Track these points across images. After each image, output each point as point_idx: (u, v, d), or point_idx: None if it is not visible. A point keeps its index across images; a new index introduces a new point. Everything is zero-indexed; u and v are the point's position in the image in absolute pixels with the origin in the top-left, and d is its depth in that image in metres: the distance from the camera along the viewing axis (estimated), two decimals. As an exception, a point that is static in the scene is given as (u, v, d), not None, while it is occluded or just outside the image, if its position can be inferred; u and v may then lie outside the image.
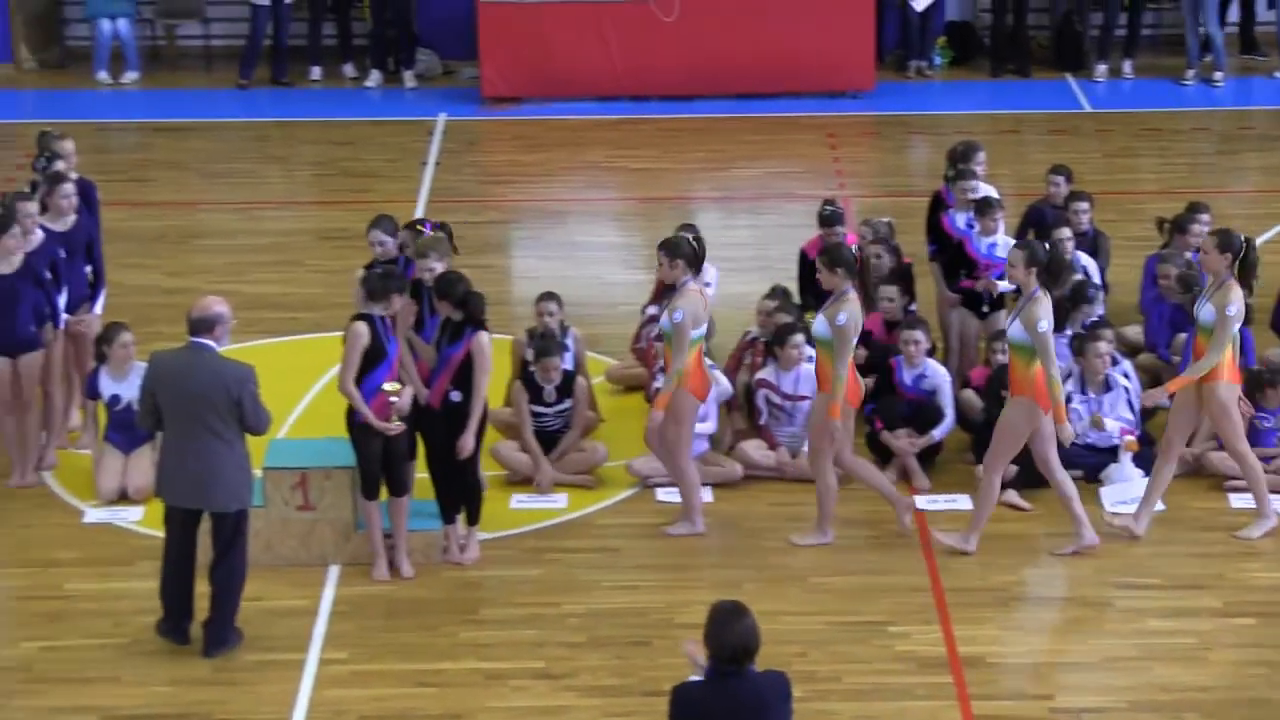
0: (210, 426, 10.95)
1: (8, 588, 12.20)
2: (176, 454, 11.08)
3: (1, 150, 20.67)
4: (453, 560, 12.29)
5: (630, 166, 20.33)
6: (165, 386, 11.04)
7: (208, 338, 11.05)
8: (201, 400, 10.93)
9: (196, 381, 10.96)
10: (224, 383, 10.96)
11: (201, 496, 11.09)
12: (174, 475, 11.12)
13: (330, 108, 22.34)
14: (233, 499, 11.12)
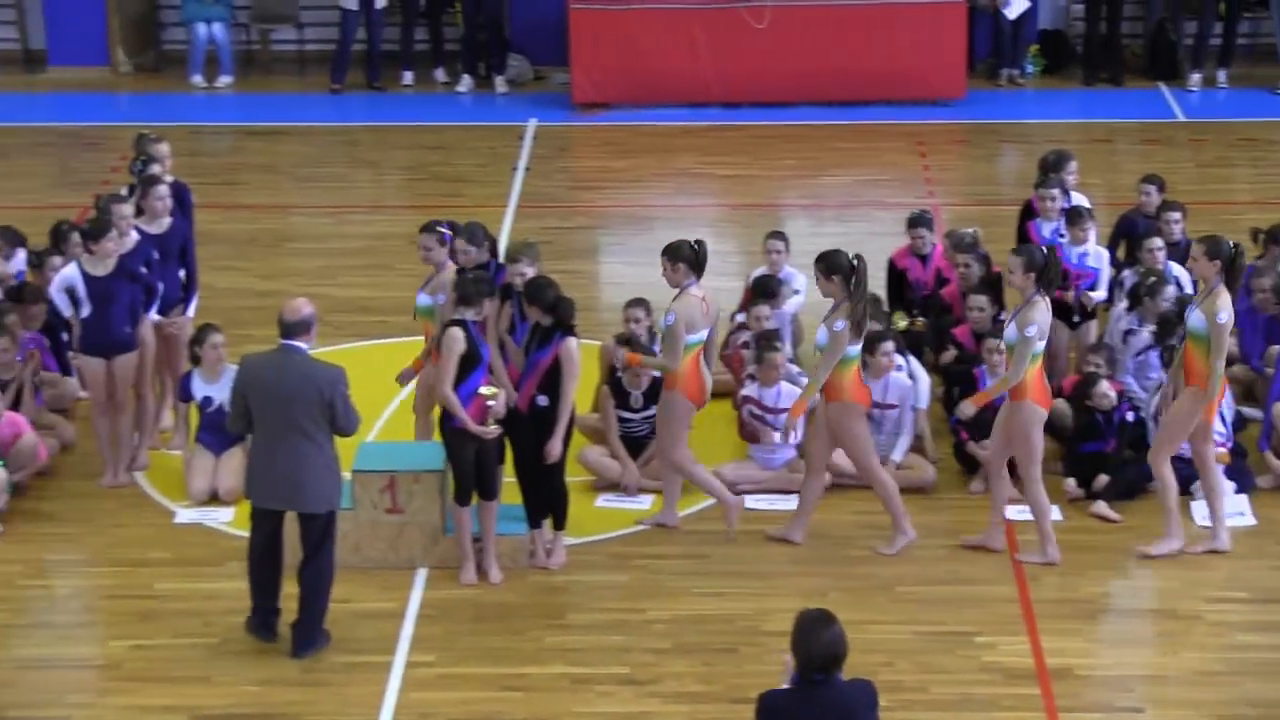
0: (301, 428, 11.01)
1: (99, 587, 12.31)
2: (267, 456, 11.15)
3: (97, 152, 20.87)
4: (539, 565, 12.33)
5: (719, 173, 20.33)
6: (256, 389, 11.11)
7: (299, 340, 11.13)
8: (293, 402, 10.99)
9: (288, 383, 11.03)
10: (316, 384, 11.02)
11: (291, 498, 11.16)
12: (264, 477, 11.19)
13: (421, 112, 22.44)
14: (322, 501, 11.18)
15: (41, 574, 12.42)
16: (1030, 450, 12.13)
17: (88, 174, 20.03)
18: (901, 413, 13.42)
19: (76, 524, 12.98)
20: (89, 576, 12.46)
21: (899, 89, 22.17)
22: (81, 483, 13.50)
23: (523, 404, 12.05)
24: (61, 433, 13.99)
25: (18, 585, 12.22)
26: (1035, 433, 12.12)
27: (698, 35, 22.03)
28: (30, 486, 13.35)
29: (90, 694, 11.06)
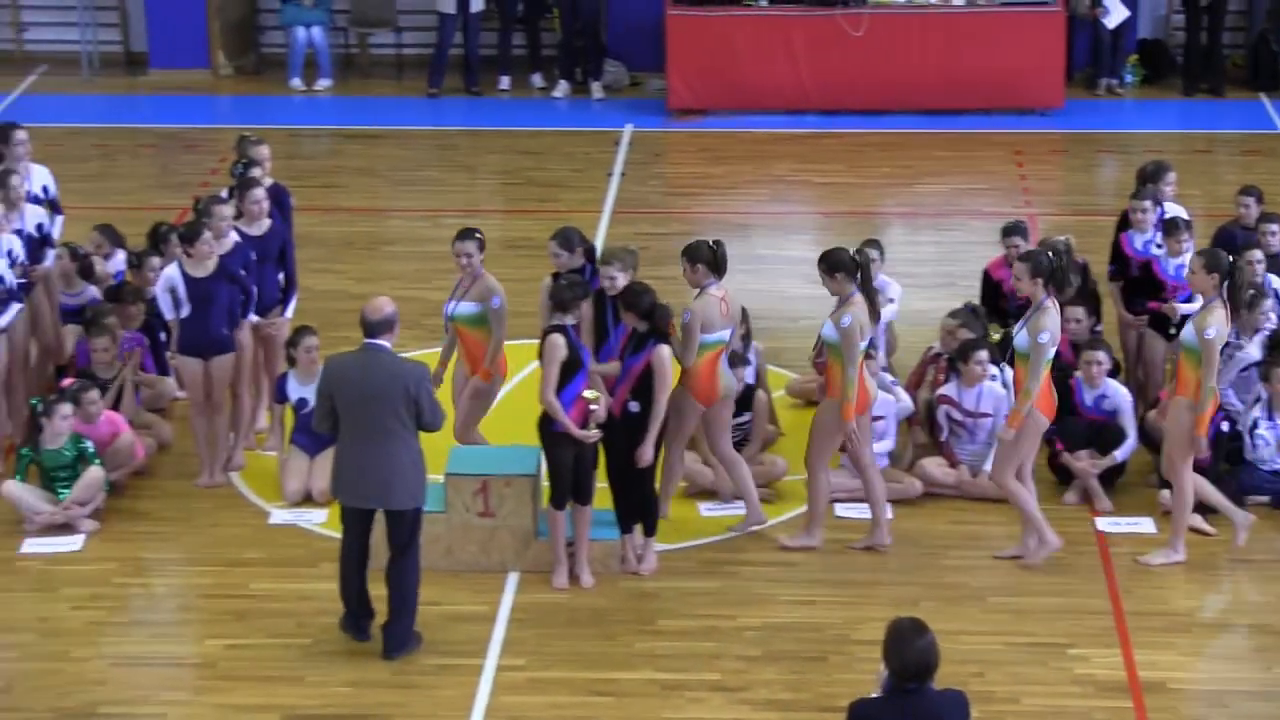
0: (388, 426, 11.07)
1: (195, 586, 12.41)
2: (354, 455, 11.20)
3: (197, 154, 21.04)
4: (630, 570, 12.34)
5: (815, 180, 20.29)
6: (342, 388, 11.17)
7: (383, 338, 11.20)
8: (379, 400, 11.06)
9: (374, 381, 11.09)
10: (401, 381, 11.08)
11: (381, 496, 11.22)
12: (351, 476, 11.24)
13: (518, 117, 22.51)
14: (410, 497, 11.24)
15: (138, 572, 12.53)
16: (1018, 454, 12.17)
17: (187, 176, 20.19)
18: (995, 422, 13.36)
19: (173, 523, 13.10)
20: (185, 575, 12.57)
21: (997, 98, 22.06)
22: (178, 482, 13.62)
23: (615, 409, 12.07)
24: (159, 432, 14.11)
25: (114, 583, 12.34)
26: (1029, 440, 12.14)
27: (795, 42, 22.01)
28: (127, 485, 13.47)
29: (185, 692, 11.16)
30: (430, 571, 12.04)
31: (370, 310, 11.22)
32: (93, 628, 11.80)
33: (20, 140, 14.43)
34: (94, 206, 16.86)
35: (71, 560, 12.59)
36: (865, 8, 21.98)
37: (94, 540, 12.81)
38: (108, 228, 15.94)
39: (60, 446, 12.93)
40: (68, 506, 12.88)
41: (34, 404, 13.10)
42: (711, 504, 13.22)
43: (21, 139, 14.44)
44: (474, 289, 12.87)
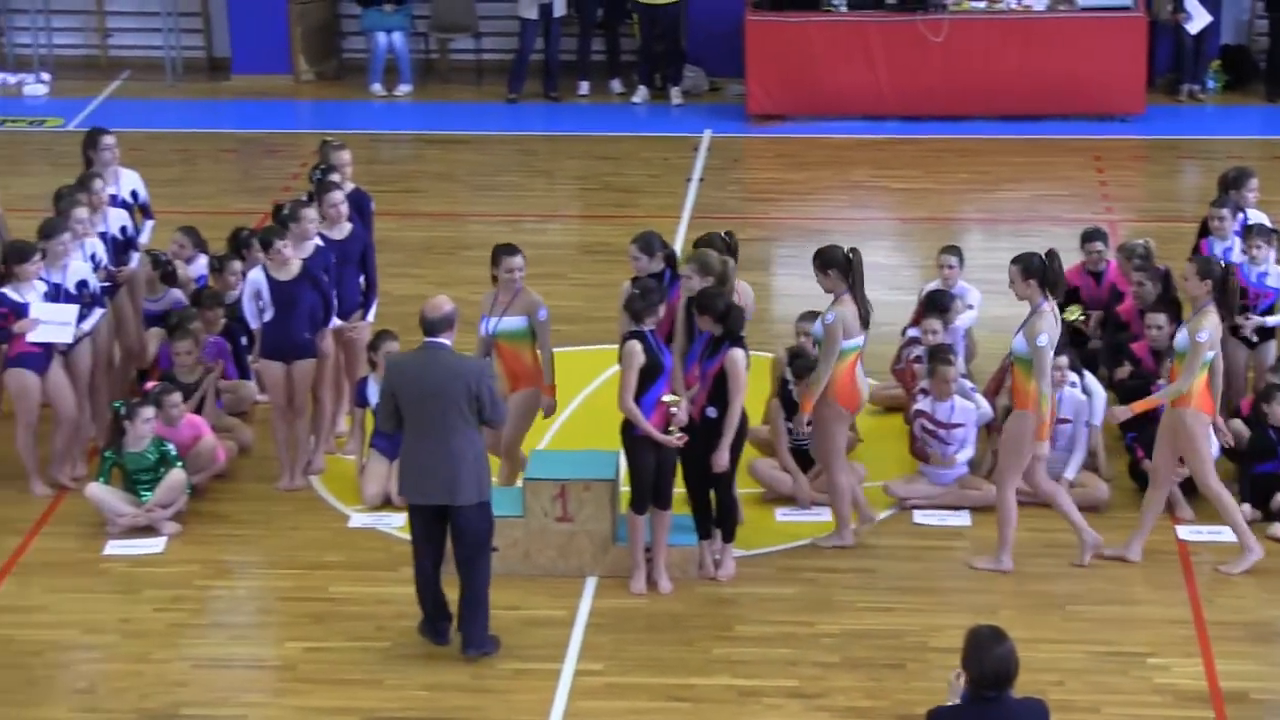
0: (451, 422, 11.14)
1: (275, 588, 12.47)
2: (420, 452, 11.26)
3: (278, 159, 21.17)
4: (708, 576, 12.33)
5: (894, 186, 20.24)
6: (405, 387, 11.24)
7: (442, 336, 11.30)
8: (442, 396, 11.13)
9: (436, 379, 11.17)
10: (463, 377, 11.17)
11: (446, 492, 11.26)
12: (418, 473, 11.29)
13: (596, 123, 22.53)
14: (475, 492, 11.29)
15: (219, 575, 12.60)
16: (1019, 461, 12.16)
17: (268, 180, 20.31)
18: (1075, 429, 13.29)
19: (253, 526, 13.17)
20: (265, 578, 12.63)
21: (1077, 103, 21.95)
22: (258, 485, 13.69)
23: (694, 415, 12.04)
24: (240, 436, 14.19)
25: (195, 585, 12.42)
26: (1026, 446, 12.12)
27: (874, 48, 21.95)
28: (209, 489, 13.55)
29: (265, 694, 11.21)
30: (508, 576, 12.07)
31: (430, 309, 11.34)
32: (174, 629, 11.88)
33: (108, 145, 14.54)
34: (175, 210, 16.97)
35: (153, 562, 12.67)
36: (945, 13, 21.90)
37: (175, 543, 12.90)
38: (191, 230, 16.04)
39: (143, 449, 13.02)
40: (150, 509, 12.97)
41: (117, 407, 13.19)
42: (788, 510, 13.19)
43: (109, 144, 14.54)
44: (517, 303, 12.84)
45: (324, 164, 14.47)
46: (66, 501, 13.43)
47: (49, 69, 24.13)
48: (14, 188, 18.04)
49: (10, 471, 13.73)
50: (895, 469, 13.47)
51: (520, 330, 12.80)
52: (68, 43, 24.72)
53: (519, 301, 12.81)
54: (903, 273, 17.13)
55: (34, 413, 13.37)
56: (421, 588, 11.48)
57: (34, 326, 13.14)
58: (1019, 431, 12.07)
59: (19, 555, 12.77)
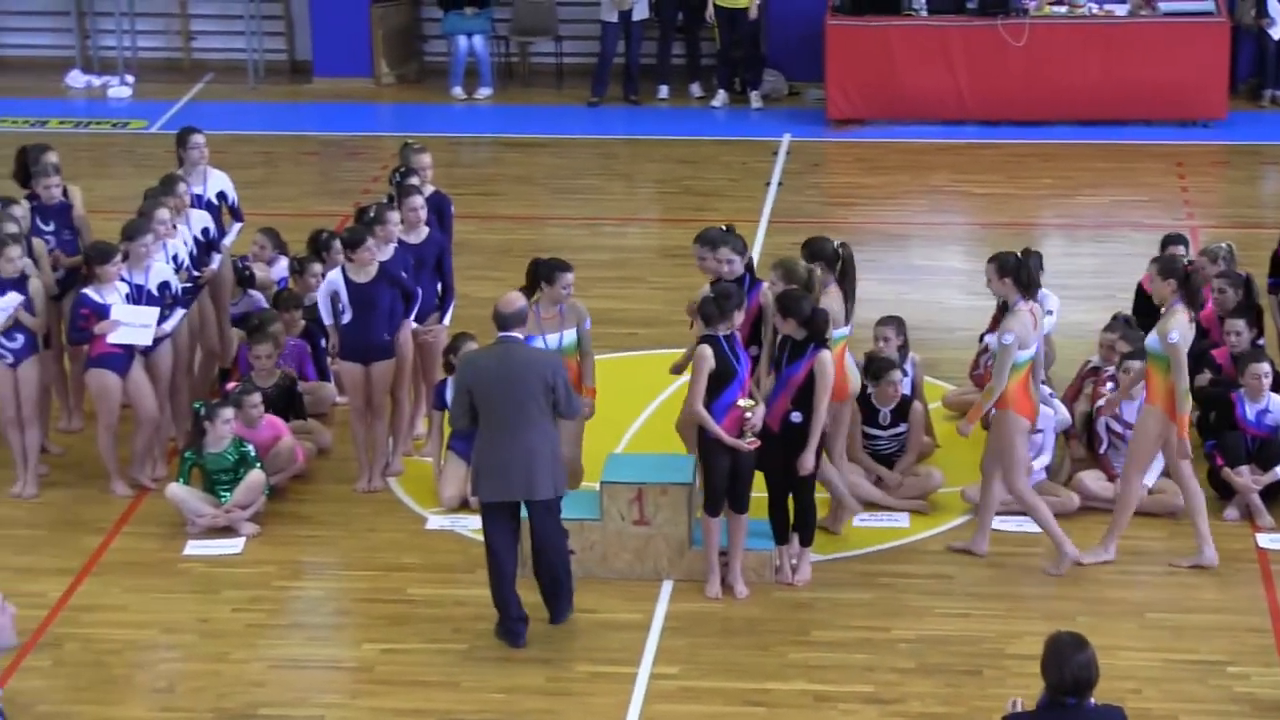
0: (528, 415, 11.21)
1: (352, 589, 12.51)
2: (495, 448, 11.32)
3: (359, 162, 21.25)
4: (785, 580, 12.30)
5: (974, 191, 20.15)
6: (481, 382, 11.31)
7: (516, 331, 11.38)
8: (518, 389, 11.21)
9: (512, 371, 11.25)
10: (538, 369, 11.26)
11: (524, 487, 11.32)
12: (494, 470, 11.35)
13: (676, 126, 22.53)
14: (552, 486, 11.37)
15: (296, 575, 12.66)
16: (1012, 461, 12.17)
17: (349, 183, 20.40)
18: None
19: (331, 527, 13.22)
20: (342, 579, 12.67)
21: (1159, 108, 21.80)
22: (337, 487, 13.74)
23: (774, 421, 12.00)
24: (319, 437, 14.25)
25: (274, 586, 12.47)
26: (1018, 442, 12.14)
27: (955, 52, 21.87)
28: (287, 489, 13.61)
29: (342, 695, 11.25)
30: (584, 579, 12.08)
31: (503, 304, 11.44)
32: (252, 630, 11.94)
33: (196, 144, 14.61)
34: (257, 212, 17.03)
35: (232, 563, 12.74)
36: (1026, 18, 21.79)
37: (254, 543, 12.96)
38: (271, 232, 16.13)
39: (223, 450, 13.09)
40: (229, 509, 13.04)
41: (197, 408, 13.26)
42: (866, 515, 13.14)
43: (198, 143, 14.61)
44: (570, 316, 12.84)
45: (404, 167, 14.51)
46: (147, 502, 13.52)
47: (133, 71, 24.31)
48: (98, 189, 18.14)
49: (92, 471, 13.83)
50: (972, 475, 13.39)
51: (574, 344, 12.85)
52: (151, 45, 24.89)
53: (570, 314, 12.81)
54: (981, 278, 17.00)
55: (114, 413, 13.46)
56: (497, 588, 11.52)
57: (114, 328, 13.23)
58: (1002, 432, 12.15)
59: (100, 555, 12.86)
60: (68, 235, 14.28)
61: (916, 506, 13.22)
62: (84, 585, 12.48)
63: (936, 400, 14.59)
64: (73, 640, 11.81)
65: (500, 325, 11.42)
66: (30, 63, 24.86)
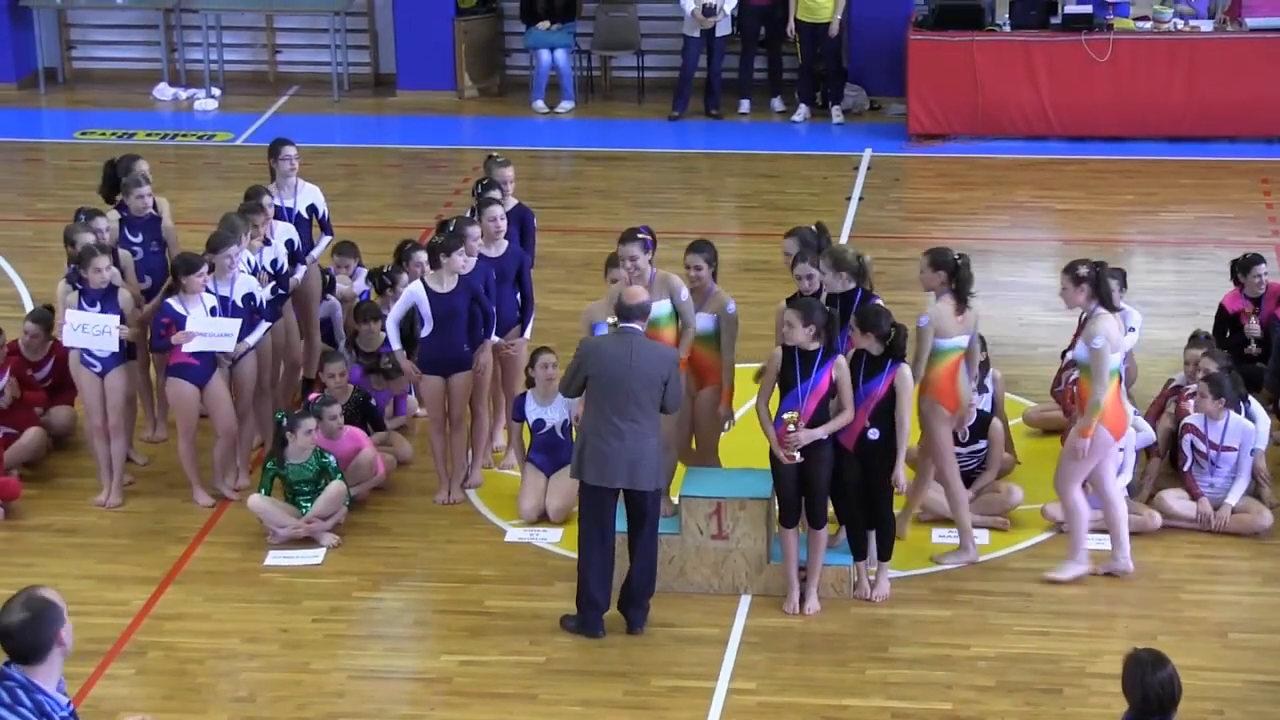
0: (641, 405, 11.48)
1: (432, 601, 12.53)
2: (605, 433, 11.51)
3: (441, 175, 21.32)
4: (863, 596, 12.25)
5: (1056, 207, 20.04)
6: (601, 364, 11.55)
7: (636, 323, 11.63)
8: (637, 378, 11.48)
9: (635, 359, 11.51)
10: (657, 361, 11.56)
11: (630, 475, 11.50)
12: (602, 454, 11.51)
13: (757, 141, 22.51)
14: (654, 479, 11.59)
15: (376, 587, 12.68)
16: (937, 449, 12.34)
17: (431, 195, 20.47)
18: (1240, 455, 13.08)
19: (411, 539, 13.25)
20: (421, 591, 12.69)
21: (1245, 124, 21.64)
22: (416, 498, 13.77)
23: (850, 440, 11.94)
24: (399, 449, 14.29)
25: (354, 597, 12.51)
26: (941, 431, 12.23)
27: (1037, 67, 21.76)
28: (368, 501, 13.65)
29: (420, 706, 11.26)
30: (663, 593, 12.06)
31: (626, 296, 11.71)
32: (332, 640, 11.97)
33: (288, 155, 14.68)
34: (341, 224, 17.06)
35: (312, 573, 12.79)
36: (1110, 33, 21.67)
37: (334, 554, 13.00)
38: (349, 244, 16.15)
39: (304, 461, 13.14)
40: (310, 520, 13.08)
41: (279, 418, 13.32)
42: (945, 531, 13.07)
43: (289, 154, 14.68)
44: (660, 288, 12.78)
45: (487, 179, 14.53)
46: (229, 512, 13.59)
47: (219, 84, 24.48)
48: (184, 201, 18.26)
49: (175, 481, 13.92)
50: (1052, 492, 13.30)
51: (667, 315, 12.70)
52: (237, 59, 25.05)
53: (662, 286, 12.71)
54: (1064, 294, 16.91)
55: (192, 423, 13.52)
56: (586, 576, 11.66)
57: (190, 338, 13.27)
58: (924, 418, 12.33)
59: (183, 564, 12.93)
60: (155, 247, 14.37)
61: (996, 523, 13.15)
62: (167, 594, 12.55)
63: (1017, 417, 14.51)
64: (156, 649, 11.88)
65: (622, 316, 11.69)
66: (118, 75, 25.07)
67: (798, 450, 11.76)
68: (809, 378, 11.79)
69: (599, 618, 11.72)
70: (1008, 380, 14.44)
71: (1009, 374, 14.70)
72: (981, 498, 13.21)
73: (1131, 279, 15.05)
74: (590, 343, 11.85)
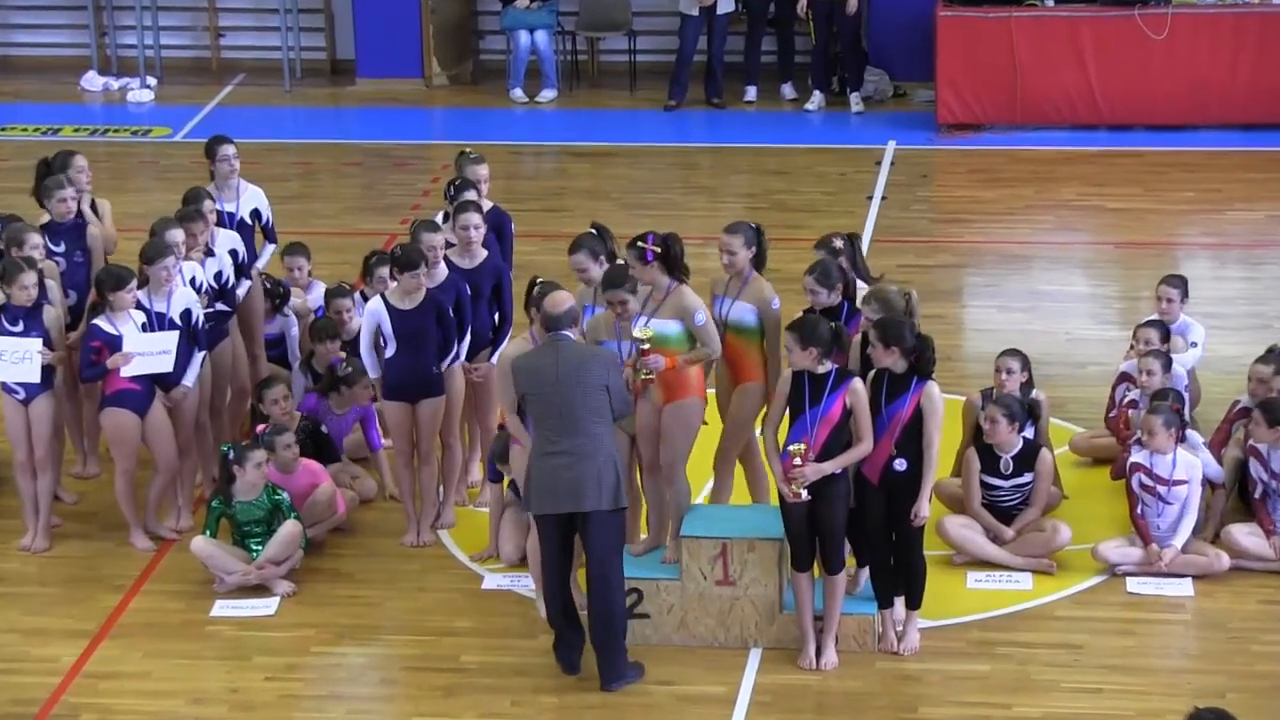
0: (583, 417, 11.61)
1: (400, 656, 12.57)
2: (548, 455, 11.64)
3: (407, 173, 21.38)
4: (888, 649, 12.31)
5: (1107, 206, 20.13)
6: (534, 382, 11.71)
7: (567, 331, 11.77)
8: (574, 388, 11.60)
9: (566, 368, 11.63)
10: (593, 365, 11.68)
11: (577, 497, 11.61)
12: (546, 480, 11.64)
13: (765, 133, 22.59)
14: (608, 497, 11.62)
15: (337, 640, 12.72)
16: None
17: (396, 197, 20.54)
18: (1314, 487, 13.17)
19: (376, 586, 13.29)
20: (388, 645, 12.74)
21: (1319, 111, 21.76)
22: (382, 540, 13.82)
23: (874, 471, 12.00)
24: (361, 485, 14.33)
25: (312, 652, 12.55)
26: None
27: (1085, 47, 21.85)
28: (327, 543, 13.70)
29: (387, 776, 11.34)
30: (662, 647, 12.12)
31: (551, 304, 11.81)
32: (287, 701, 12.02)
33: (225, 155, 14.76)
34: (294, 231, 17.17)
35: (265, 625, 12.83)
36: (1168, 7, 21.75)
37: (290, 603, 13.05)
38: (302, 249, 16.16)
39: (254, 499, 13.20)
40: (261, 566, 13.14)
41: (225, 450, 13.36)
42: (983, 574, 13.13)
43: (228, 154, 14.76)
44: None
45: (459, 179, 14.60)
46: (170, 556, 13.64)
47: (155, 73, 24.56)
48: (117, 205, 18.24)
49: (110, 522, 13.96)
50: (1104, 529, 13.37)
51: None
52: (176, 43, 25.15)
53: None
54: (1115, 305, 17.03)
55: (133, 457, 13.57)
56: (550, 603, 11.83)
57: (129, 360, 13.33)
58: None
59: (118, 615, 12.98)
60: (80, 257, 14.41)
61: (1041, 566, 13.20)
62: (101, 649, 12.60)
63: (1063, 445, 14.58)
64: (89, 711, 11.92)
65: (548, 325, 11.80)
66: (42, 63, 25.14)
67: (804, 488, 11.81)
68: (819, 403, 11.85)
69: (571, 653, 11.90)
70: (1054, 403, 14.50)
71: (1055, 395, 14.77)
72: (1024, 537, 13.27)
73: (1194, 287, 15.12)
74: (515, 362, 11.97)
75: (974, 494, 13.30)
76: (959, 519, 13.35)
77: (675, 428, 12.55)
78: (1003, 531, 13.23)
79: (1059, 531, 13.31)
